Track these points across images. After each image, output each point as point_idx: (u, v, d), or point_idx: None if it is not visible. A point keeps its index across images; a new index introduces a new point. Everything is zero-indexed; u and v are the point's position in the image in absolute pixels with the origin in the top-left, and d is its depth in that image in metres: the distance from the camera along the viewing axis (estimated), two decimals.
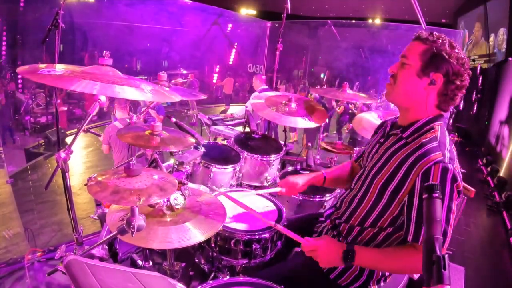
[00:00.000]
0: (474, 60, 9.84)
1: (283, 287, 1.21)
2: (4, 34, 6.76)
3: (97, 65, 1.45)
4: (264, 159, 2.59)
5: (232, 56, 11.62)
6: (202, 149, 2.10)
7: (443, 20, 12.97)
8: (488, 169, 7.06)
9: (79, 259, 0.90)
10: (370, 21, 12.28)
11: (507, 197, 5.37)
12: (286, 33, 3.67)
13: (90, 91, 1.19)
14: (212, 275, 1.70)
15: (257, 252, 1.59)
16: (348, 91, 2.75)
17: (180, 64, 10.74)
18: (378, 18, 12.79)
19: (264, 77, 4.88)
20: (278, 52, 3.53)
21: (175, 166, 1.95)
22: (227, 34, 10.96)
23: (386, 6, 12.29)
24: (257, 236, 1.59)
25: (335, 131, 8.45)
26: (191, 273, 1.85)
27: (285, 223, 1.69)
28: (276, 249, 1.70)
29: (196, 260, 1.75)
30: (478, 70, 9.12)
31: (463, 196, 2.18)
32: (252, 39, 10.39)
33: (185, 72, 10.96)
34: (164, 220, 1.40)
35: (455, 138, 8.81)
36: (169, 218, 1.42)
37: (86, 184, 1.22)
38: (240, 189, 2.17)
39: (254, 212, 1.49)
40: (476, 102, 9.24)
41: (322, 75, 13.04)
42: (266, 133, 3.59)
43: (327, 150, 2.90)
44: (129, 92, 1.29)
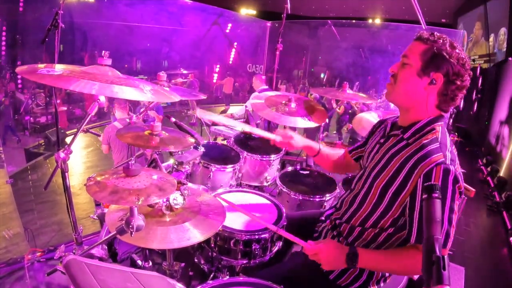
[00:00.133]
0: (474, 60, 9.84)
1: (282, 287, 1.21)
2: (4, 34, 6.77)
3: (96, 65, 1.44)
4: (264, 159, 2.59)
5: (232, 56, 11.62)
6: (202, 149, 2.10)
7: (443, 20, 12.98)
8: (488, 169, 7.06)
9: (79, 259, 0.89)
10: (370, 21, 12.28)
11: (507, 197, 5.36)
12: (286, 33, 3.67)
13: (89, 91, 1.19)
14: (211, 275, 1.70)
15: (256, 252, 1.59)
16: (348, 91, 2.75)
17: (180, 64, 10.74)
18: (378, 18, 12.80)
19: (264, 77, 4.87)
20: (278, 52, 3.53)
21: (175, 166, 1.95)
22: (227, 34, 10.95)
23: (386, 6, 12.30)
24: (256, 236, 1.59)
25: (335, 131, 8.45)
26: (190, 273, 1.85)
27: (285, 223, 1.69)
28: (275, 249, 1.70)
29: (195, 260, 1.75)
30: (478, 70, 9.12)
31: (464, 196, 2.18)
32: (252, 39, 10.39)
33: (185, 72, 10.96)
34: (163, 220, 1.40)
35: (455, 138, 8.81)
36: (168, 218, 1.42)
37: (86, 184, 1.22)
38: (240, 189, 2.17)
39: (255, 217, 1.50)
40: (476, 102, 9.24)
41: (322, 75, 13.03)
42: None
43: None
44: (128, 92, 1.29)
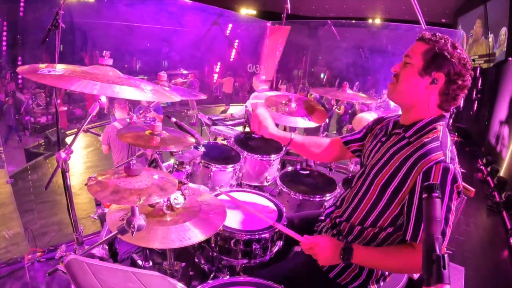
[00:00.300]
0: (474, 60, 9.85)
1: (283, 286, 1.21)
2: (5, 34, 6.77)
3: (97, 65, 1.45)
4: (264, 159, 2.59)
5: (232, 56, 11.62)
6: (202, 149, 2.10)
7: (443, 20, 12.98)
8: (488, 169, 7.07)
9: (80, 258, 0.90)
10: (370, 21, 12.28)
11: (507, 197, 5.37)
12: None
13: (90, 91, 1.19)
14: (212, 275, 1.70)
15: (257, 252, 1.59)
16: (348, 91, 2.75)
17: (180, 64, 10.74)
18: (378, 18, 12.79)
19: (264, 77, 4.88)
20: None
21: (175, 166, 1.95)
22: (227, 34, 10.95)
23: (386, 6, 12.29)
24: (257, 236, 1.59)
25: (335, 131, 8.45)
26: (191, 273, 1.85)
27: (285, 223, 1.69)
28: (276, 249, 1.70)
29: (196, 260, 1.75)
30: (478, 70, 9.13)
31: (463, 196, 2.19)
32: (252, 39, 10.39)
33: (185, 72, 10.96)
34: (164, 220, 1.40)
35: (455, 138, 8.81)
36: (169, 217, 1.42)
37: (86, 184, 1.22)
38: (240, 189, 2.17)
39: (254, 211, 1.50)
40: (476, 102, 9.25)
41: (322, 75, 13.03)
42: None
43: None
44: (129, 92, 1.29)
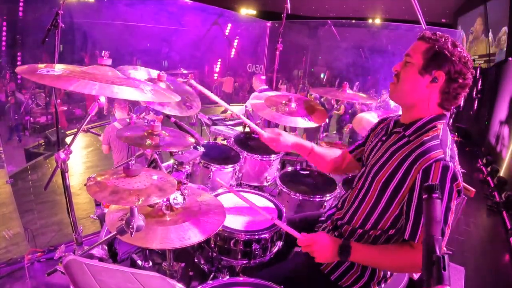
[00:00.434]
0: (474, 60, 9.81)
1: (282, 287, 1.21)
2: (4, 34, 6.76)
3: (96, 65, 1.44)
4: (264, 159, 2.59)
5: (232, 56, 11.62)
6: (202, 149, 2.10)
7: (443, 20, 12.97)
8: (488, 169, 7.06)
9: (78, 259, 0.89)
10: (370, 21, 12.27)
11: (507, 197, 5.36)
12: (286, 33, 3.66)
13: (89, 91, 1.19)
14: (211, 275, 1.70)
15: (256, 252, 1.59)
16: (348, 91, 2.75)
17: (180, 64, 10.74)
18: (378, 18, 12.78)
19: (264, 77, 4.87)
20: (278, 52, 3.53)
21: (175, 166, 1.95)
22: (227, 34, 10.95)
23: (386, 6, 12.29)
24: (256, 236, 1.59)
25: (335, 131, 8.45)
26: (190, 273, 1.85)
27: (284, 222, 1.69)
28: (276, 249, 1.70)
29: (195, 260, 1.75)
30: (478, 70, 9.12)
31: (463, 196, 2.18)
32: (252, 39, 10.39)
33: (185, 72, 10.96)
34: (163, 220, 1.40)
35: (455, 138, 8.81)
36: (168, 218, 1.42)
37: (86, 184, 1.22)
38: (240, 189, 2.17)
39: (254, 205, 1.49)
40: (476, 102, 9.24)
41: (322, 75, 13.03)
42: None
43: None
44: (128, 92, 1.29)
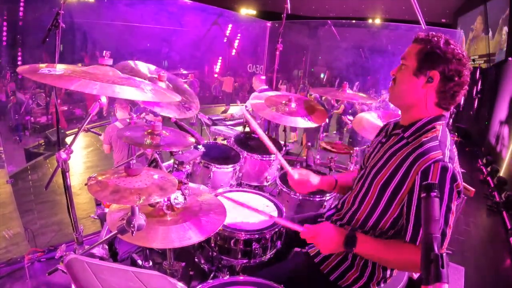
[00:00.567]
0: (474, 60, 9.85)
1: (282, 286, 1.21)
2: (5, 34, 6.77)
3: (97, 65, 1.45)
4: (264, 159, 2.59)
5: (232, 56, 11.63)
6: (202, 148, 2.10)
7: (443, 20, 12.98)
8: (488, 169, 7.06)
9: (80, 258, 0.90)
10: (370, 21, 12.29)
11: (507, 197, 5.36)
12: (286, 33, 3.66)
13: (90, 91, 1.19)
14: (212, 275, 1.71)
15: (256, 251, 1.59)
16: (348, 91, 2.76)
17: (180, 64, 10.75)
18: (378, 18, 12.79)
19: (264, 77, 4.88)
20: (278, 52, 3.53)
21: (175, 166, 1.96)
22: (227, 34, 10.96)
23: (386, 6, 12.29)
24: (256, 236, 1.59)
25: (335, 131, 8.46)
26: (191, 272, 1.85)
27: (284, 219, 1.69)
28: (275, 248, 1.70)
29: (196, 259, 1.76)
30: (478, 70, 9.13)
31: (463, 196, 2.18)
32: (252, 39, 10.40)
33: (185, 72, 10.97)
34: (164, 220, 1.40)
35: (455, 138, 8.81)
36: (169, 217, 1.42)
37: (86, 184, 1.22)
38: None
39: (253, 207, 1.48)
40: (476, 102, 9.24)
41: (322, 75, 13.04)
42: (266, 133, 3.60)
43: (327, 150, 2.90)
44: (129, 92, 1.29)
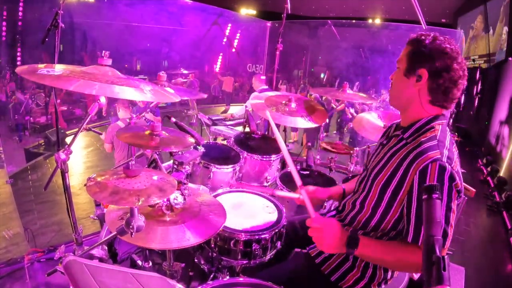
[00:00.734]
0: (474, 60, 9.84)
1: (282, 287, 1.21)
2: (4, 34, 6.77)
3: (96, 65, 1.44)
4: (264, 159, 2.59)
5: (232, 56, 11.63)
6: (202, 149, 2.10)
7: (443, 20, 12.98)
8: (488, 169, 7.06)
9: (78, 260, 0.89)
10: (370, 21, 12.28)
11: (507, 197, 5.37)
12: (286, 33, 3.66)
13: (89, 91, 1.19)
14: (211, 276, 1.70)
15: (256, 252, 1.59)
16: (348, 91, 2.75)
17: (180, 64, 10.76)
18: (378, 18, 12.79)
19: (263, 77, 4.87)
20: (278, 52, 3.52)
21: (175, 166, 1.95)
22: (227, 34, 10.96)
23: (386, 6, 12.29)
24: (256, 237, 1.59)
25: (335, 131, 8.46)
26: (190, 273, 1.85)
27: (285, 223, 1.69)
28: (276, 249, 1.70)
29: (196, 260, 1.75)
30: (478, 70, 9.12)
31: (464, 196, 2.18)
32: (252, 39, 10.40)
33: (185, 72, 10.97)
34: (163, 220, 1.40)
35: (455, 138, 8.81)
36: (168, 218, 1.42)
37: (86, 185, 1.22)
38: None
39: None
40: (476, 102, 9.24)
41: (322, 75, 13.04)
42: (267, 133, 3.59)
43: (327, 150, 2.89)
44: (128, 92, 1.29)
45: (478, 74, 8.98)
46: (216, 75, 11.94)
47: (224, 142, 2.88)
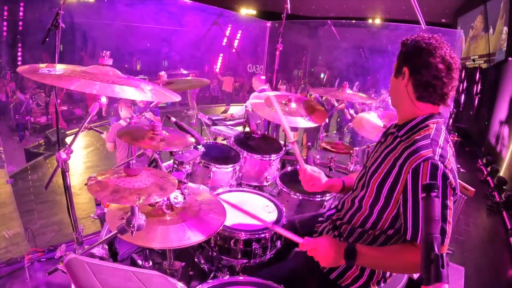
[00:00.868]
0: (474, 60, 9.84)
1: (283, 286, 1.21)
2: (5, 34, 6.77)
3: (97, 65, 1.45)
4: (264, 159, 2.59)
5: (232, 56, 11.63)
6: (202, 148, 2.10)
7: (443, 20, 12.97)
8: (488, 169, 7.06)
9: (80, 257, 0.90)
10: (370, 21, 12.27)
11: (507, 197, 5.36)
12: (286, 33, 3.66)
13: (90, 90, 1.19)
14: (212, 275, 1.71)
15: (256, 251, 1.59)
16: (348, 91, 2.75)
17: (180, 64, 10.75)
18: (378, 18, 12.78)
19: (263, 77, 4.88)
20: (278, 52, 3.53)
21: (175, 166, 1.95)
22: (227, 34, 10.96)
23: (386, 6, 12.29)
24: (256, 236, 1.59)
25: (335, 131, 8.46)
26: (191, 272, 1.85)
27: (284, 223, 1.69)
28: (275, 248, 1.70)
29: (196, 259, 1.76)
30: (478, 70, 9.12)
31: (463, 196, 2.19)
32: (252, 39, 10.40)
33: (185, 72, 10.97)
34: (164, 219, 1.40)
35: (455, 138, 8.81)
36: (168, 217, 1.42)
37: (86, 184, 1.22)
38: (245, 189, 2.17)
39: (252, 215, 1.46)
40: (476, 102, 9.24)
41: (322, 75, 13.03)
42: (266, 133, 3.60)
43: (327, 150, 2.90)
44: (129, 92, 1.29)
45: (478, 74, 8.99)
46: (216, 75, 11.94)
47: (224, 142, 2.88)
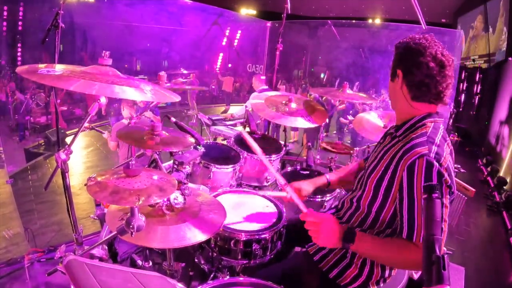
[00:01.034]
0: (474, 60, 9.84)
1: (282, 287, 1.21)
2: (4, 34, 6.77)
3: (96, 65, 1.44)
4: None
5: (232, 56, 11.63)
6: (202, 149, 2.10)
7: (443, 20, 12.97)
8: (488, 169, 7.07)
9: (79, 259, 0.90)
10: (370, 21, 12.27)
11: (507, 197, 5.37)
12: (286, 33, 3.65)
13: (89, 91, 1.19)
14: (212, 275, 1.70)
15: (257, 252, 1.59)
16: (348, 91, 2.75)
17: (180, 64, 10.74)
18: (378, 18, 12.79)
19: (263, 77, 4.87)
20: (278, 52, 3.52)
21: (175, 166, 1.95)
22: (227, 34, 10.96)
23: (386, 6, 12.29)
24: (256, 237, 1.59)
25: (335, 131, 8.45)
26: (191, 273, 1.85)
27: (285, 223, 1.69)
28: (276, 249, 1.70)
29: (196, 260, 1.75)
30: (478, 70, 9.12)
31: (464, 196, 2.18)
32: (252, 39, 10.40)
33: (185, 72, 10.96)
34: (164, 220, 1.40)
35: (455, 138, 8.82)
36: (168, 218, 1.42)
37: (86, 184, 1.22)
38: (241, 189, 2.17)
39: (268, 165, 1.51)
40: (476, 102, 9.24)
41: (322, 75, 13.03)
42: (266, 133, 3.60)
43: (327, 150, 2.90)
44: (128, 92, 1.29)
45: (478, 74, 8.99)
46: (216, 75, 11.93)
47: (224, 142, 2.88)
